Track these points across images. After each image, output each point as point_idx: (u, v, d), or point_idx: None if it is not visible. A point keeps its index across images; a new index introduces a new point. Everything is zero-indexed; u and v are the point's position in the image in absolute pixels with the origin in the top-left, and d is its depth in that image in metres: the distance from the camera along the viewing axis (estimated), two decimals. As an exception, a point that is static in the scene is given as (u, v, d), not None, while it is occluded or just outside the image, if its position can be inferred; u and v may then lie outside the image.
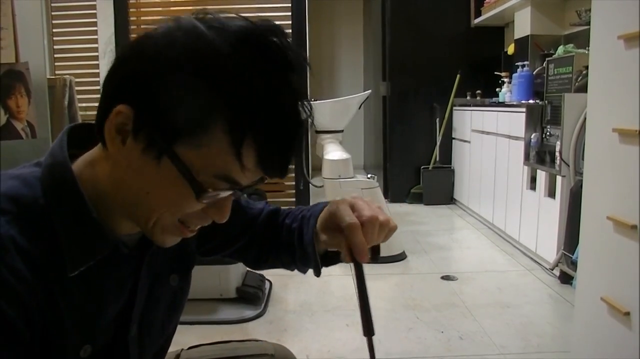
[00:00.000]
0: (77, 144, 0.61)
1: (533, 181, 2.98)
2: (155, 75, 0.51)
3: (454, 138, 4.60)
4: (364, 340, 0.63)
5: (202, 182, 0.52)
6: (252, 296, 2.31)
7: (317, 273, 0.77)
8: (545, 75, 2.95)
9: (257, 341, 0.94)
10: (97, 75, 4.32)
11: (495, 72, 4.07)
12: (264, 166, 0.53)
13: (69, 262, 0.55)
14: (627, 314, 1.37)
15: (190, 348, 0.90)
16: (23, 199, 0.54)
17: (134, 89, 0.52)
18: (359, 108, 3.20)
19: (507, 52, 4.16)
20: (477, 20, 4.49)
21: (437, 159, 4.65)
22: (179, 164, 0.52)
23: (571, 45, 3.05)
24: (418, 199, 4.66)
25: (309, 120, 0.57)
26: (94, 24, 4.32)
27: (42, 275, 0.52)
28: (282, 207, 0.88)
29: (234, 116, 0.50)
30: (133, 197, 0.56)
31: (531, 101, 3.19)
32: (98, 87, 4.32)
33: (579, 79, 2.61)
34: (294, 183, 4.60)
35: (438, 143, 4.63)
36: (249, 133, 0.51)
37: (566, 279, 2.59)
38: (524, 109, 3.04)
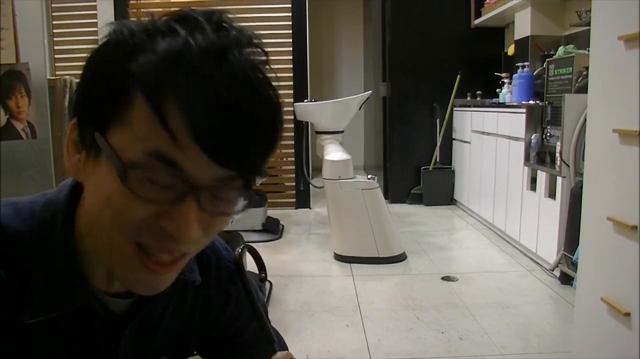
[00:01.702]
0: None
1: (533, 181, 2.98)
2: (83, 75, 0.50)
3: (454, 139, 4.60)
4: (364, 340, 0.63)
5: (132, 162, 0.46)
6: (252, 296, 2.31)
7: None
8: (545, 76, 2.95)
9: None
10: (97, 75, 4.32)
11: (496, 73, 4.07)
12: (199, 140, 0.45)
13: (30, 308, 0.50)
14: (627, 314, 1.37)
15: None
16: (7, 230, 0.51)
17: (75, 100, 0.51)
18: (359, 109, 3.20)
19: (507, 52, 4.16)
20: (477, 21, 4.49)
21: (438, 159, 4.65)
22: (106, 148, 0.47)
23: (571, 46, 3.05)
24: (418, 199, 4.66)
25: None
26: (94, 24, 4.33)
27: (1, 314, 0.49)
28: None
29: (146, 77, 0.45)
30: (93, 224, 0.50)
31: (531, 102, 3.19)
32: (98, 88, 4.32)
33: (579, 79, 2.61)
34: (294, 184, 4.61)
35: (438, 144, 4.63)
36: (167, 91, 0.45)
37: (566, 279, 2.59)
38: (524, 110, 3.04)
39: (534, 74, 3.43)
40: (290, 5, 4.42)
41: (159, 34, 0.47)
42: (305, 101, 3.52)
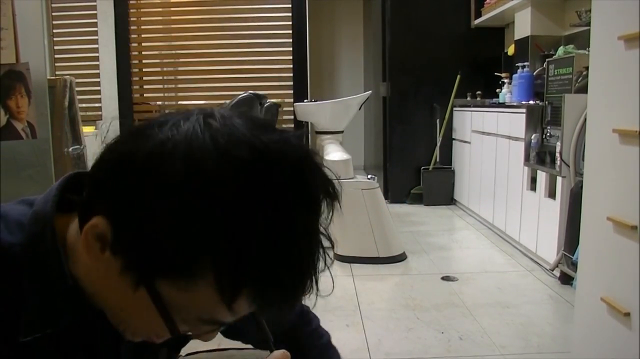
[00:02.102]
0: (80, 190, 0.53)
1: (533, 181, 2.98)
2: (141, 193, 0.43)
3: (454, 139, 4.60)
4: (363, 340, 0.63)
5: (182, 321, 0.46)
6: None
7: None
8: (545, 76, 2.95)
9: (255, 348, 0.92)
10: (97, 75, 4.33)
11: (496, 73, 4.07)
12: (262, 311, 0.48)
13: (26, 325, 0.48)
14: (627, 314, 1.37)
15: (187, 354, 0.87)
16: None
17: (114, 200, 0.45)
18: (359, 109, 3.20)
19: (507, 52, 4.16)
20: (477, 21, 4.49)
21: (437, 159, 4.65)
22: (158, 302, 0.45)
23: (571, 46, 3.05)
24: (418, 199, 4.66)
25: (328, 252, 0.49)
26: (94, 24, 4.33)
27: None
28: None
29: (225, 268, 0.42)
30: (106, 303, 0.50)
31: (531, 102, 3.19)
32: (98, 88, 4.33)
33: (579, 79, 2.61)
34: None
35: (438, 144, 4.63)
36: (242, 289, 0.43)
37: (566, 279, 2.59)
38: (524, 110, 3.04)
39: (534, 74, 3.43)
40: (290, 5, 4.42)
41: (252, 212, 0.42)
42: (305, 101, 3.52)
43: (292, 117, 4.13)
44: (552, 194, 2.74)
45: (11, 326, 0.48)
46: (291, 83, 4.45)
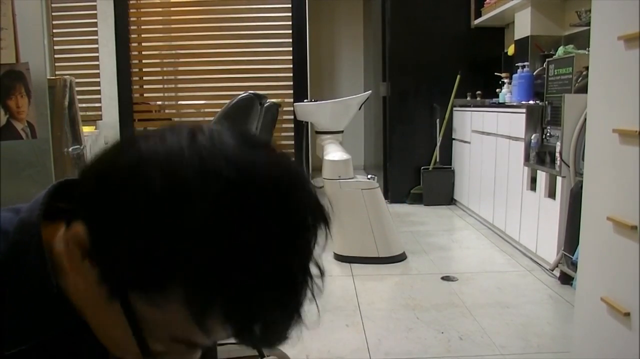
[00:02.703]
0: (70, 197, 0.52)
1: (533, 181, 2.98)
2: (118, 203, 0.43)
3: (454, 139, 4.60)
4: (364, 340, 0.63)
5: (156, 339, 0.45)
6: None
7: None
8: (545, 76, 2.95)
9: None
10: (97, 75, 4.33)
11: (496, 73, 4.07)
12: (237, 335, 0.44)
13: (10, 337, 0.47)
14: (627, 314, 1.37)
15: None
16: None
17: (93, 208, 0.45)
18: (359, 109, 3.20)
19: (507, 52, 4.16)
20: (477, 21, 4.49)
21: (437, 159, 4.65)
22: (130, 316, 0.44)
23: (571, 46, 3.05)
24: (418, 199, 4.66)
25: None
26: (94, 24, 4.33)
27: None
28: None
29: (195, 286, 0.41)
30: (87, 316, 0.49)
31: (531, 102, 3.19)
32: (98, 88, 4.33)
33: (579, 79, 2.61)
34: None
35: (438, 144, 4.63)
36: (212, 308, 0.41)
37: (566, 279, 2.59)
38: (524, 110, 3.04)
39: (534, 74, 3.43)
40: (290, 5, 4.43)
41: (226, 229, 0.41)
42: (305, 100, 3.52)
43: (292, 117, 4.13)
44: (552, 194, 2.75)
45: None
46: (291, 83, 4.45)
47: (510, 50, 4.03)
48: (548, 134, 2.87)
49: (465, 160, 4.27)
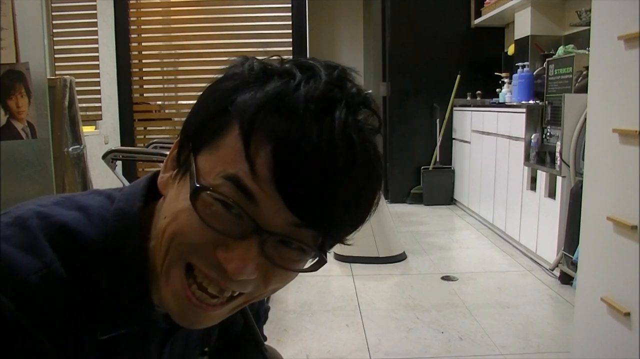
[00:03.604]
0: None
1: (533, 181, 2.98)
2: (198, 99, 0.52)
3: (454, 138, 4.60)
4: (364, 340, 0.63)
5: (207, 184, 0.46)
6: (252, 296, 2.31)
7: None
8: (545, 75, 2.95)
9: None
10: (97, 75, 4.33)
11: (496, 73, 4.07)
12: (278, 179, 0.44)
13: (104, 324, 0.50)
14: (627, 314, 1.37)
15: None
16: (83, 238, 0.49)
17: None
18: (359, 108, 3.20)
19: (507, 52, 4.16)
20: (477, 21, 4.49)
21: (437, 159, 4.65)
22: (190, 166, 0.48)
23: (571, 45, 3.05)
24: (418, 199, 4.66)
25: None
26: (94, 24, 4.32)
27: (75, 326, 0.48)
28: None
29: (245, 109, 0.46)
30: (158, 238, 0.50)
31: (531, 102, 3.19)
32: (98, 88, 4.33)
33: (579, 79, 2.61)
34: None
35: (438, 143, 4.63)
36: (260, 126, 0.45)
37: (566, 279, 2.59)
38: (524, 110, 3.04)
39: (534, 74, 3.43)
40: (290, 5, 4.42)
41: (276, 74, 0.48)
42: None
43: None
44: (552, 194, 2.75)
45: (90, 322, 0.49)
46: (291, 83, 4.44)
47: (510, 50, 4.03)
48: (548, 134, 2.87)
49: (465, 160, 4.27)
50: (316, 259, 0.51)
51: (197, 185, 0.46)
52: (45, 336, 0.45)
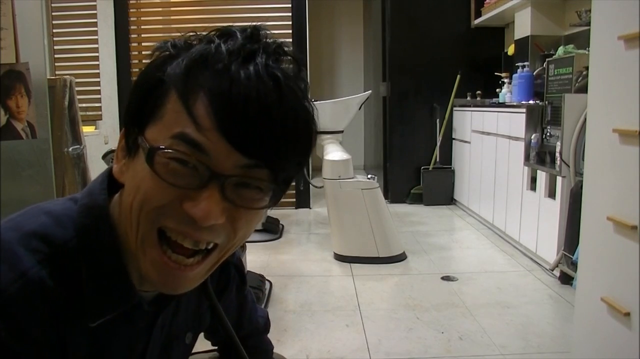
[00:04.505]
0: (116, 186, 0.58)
1: (533, 181, 2.98)
2: (132, 87, 0.56)
3: (454, 138, 4.60)
4: (364, 340, 0.63)
5: (158, 146, 0.50)
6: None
7: None
8: (545, 75, 2.95)
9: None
10: (97, 75, 4.32)
11: (496, 73, 4.07)
12: (220, 125, 0.48)
13: (92, 312, 0.53)
14: (627, 314, 1.37)
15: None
16: (55, 240, 0.52)
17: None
18: (359, 109, 3.20)
19: (507, 52, 4.16)
20: (477, 21, 4.49)
21: (437, 159, 4.65)
22: (142, 143, 0.51)
23: (571, 45, 3.05)
24: (418, 199, 4.66)
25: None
26: (94, 24, 4.32)
27: (62, 321, 0.51)
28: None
29: (177, 73, 0.51)
30: (127, 215, 0.53)
31: (531, 102, 3.19)
32: (98, 88, 4.33)
33: (579, 79, 2.61)
34: (294, 183, 4.61)
35: (438, 144, 4.63)
36: (194, 83, 0.50)
37: (566, 279, 2.59)
38: (524, 110, 3.04)
39: (534, 73, 3.43)
40: (290, 5, 4.42)
41: (197, 42, 0.53)
42: (305, 100, 3.51)
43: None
44: (552, 194, 2.75)
45: (78, 314, 0.52)
46: (291, 83, 4.44)
47: (510, 50, 4.03)
48: (548, 134, 2.87)
49: (465, 160, 4.27)
50: (272, 194, 0.54)
51: (150, 150, 0.50)
52: (29, 346, 0.48)
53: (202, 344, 0.77)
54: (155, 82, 0.52)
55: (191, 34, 0.55)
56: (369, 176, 3.10)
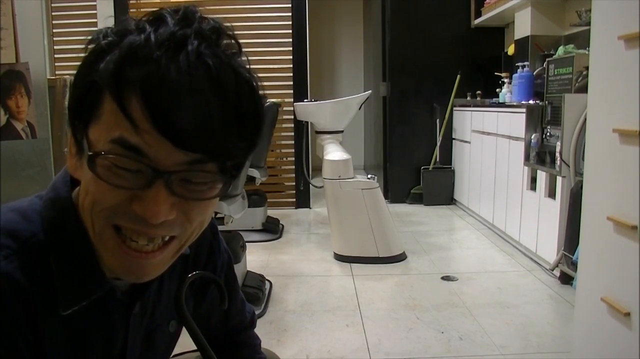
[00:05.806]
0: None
1: (533, 181, 2.98)
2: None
3: (454, 138, 4.60)
4: (364, 340, 0.63)
5: (99, 151, 0.49)
6: (252, 296, 2.31)
7: None
8: (545, 75, 2.95)
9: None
10: (97, 75, 4.32)
11: (496, 73, 4.07)
12: (157, 125, 0.47)
13: (63, 301, 0.54)
14: (627, 314, 1.37)
15: (174, 356, 0.87)
16: (21, 234, 0.53)
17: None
18: (359, 109, 3.20)
19: (507, 52, 4.16)
20: (477, 21, 4.49)
21: (437, 159, 4.65)
22: (84, 144, 0.51)
23: (571, 45, 3.05)
24: (418, 199, 4.66)
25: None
26: (94, 24, 4.32)
27: (34, 313, 0.52)
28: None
29: (108, 72, 0.49)
30: (84, 214, 0.54)
31: (531, 102, 3.19)
32: (98, 88, 4.33)
33: (579, 79, 2.61)
34: (294, 183, 4.61)
35: (438, 143, 4.63)
36: (126, 82, 0.48)
37: (566, 279, 2.59)
38: (524, 110, 3.04)
39: (534, 73, 3.43)
40: (290, 5, 4.42)
41: (128, 33, 0.50)
42: (305, 100, 3.52)
43: (292, 117, 4.13)
44: (552, 194, 2.74)
45: (50, 304, 0.53)
46: (291, 83, 4.44)
47: (510, 50, 4.03)
48: (548, 134, 2.87)
49: (465, 160, 4.27)
50: (223, 183, 0.53)
51: (90, 153, 0.49)
52: (3, 339, 0.49)
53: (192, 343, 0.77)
54: (88, 83, 0.51)
55: (127, 17, 0.54)
56: (369, 176, 3.10)
